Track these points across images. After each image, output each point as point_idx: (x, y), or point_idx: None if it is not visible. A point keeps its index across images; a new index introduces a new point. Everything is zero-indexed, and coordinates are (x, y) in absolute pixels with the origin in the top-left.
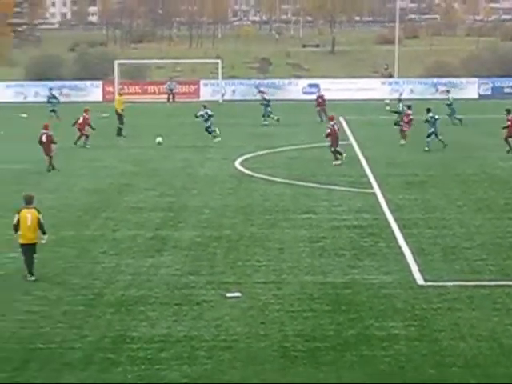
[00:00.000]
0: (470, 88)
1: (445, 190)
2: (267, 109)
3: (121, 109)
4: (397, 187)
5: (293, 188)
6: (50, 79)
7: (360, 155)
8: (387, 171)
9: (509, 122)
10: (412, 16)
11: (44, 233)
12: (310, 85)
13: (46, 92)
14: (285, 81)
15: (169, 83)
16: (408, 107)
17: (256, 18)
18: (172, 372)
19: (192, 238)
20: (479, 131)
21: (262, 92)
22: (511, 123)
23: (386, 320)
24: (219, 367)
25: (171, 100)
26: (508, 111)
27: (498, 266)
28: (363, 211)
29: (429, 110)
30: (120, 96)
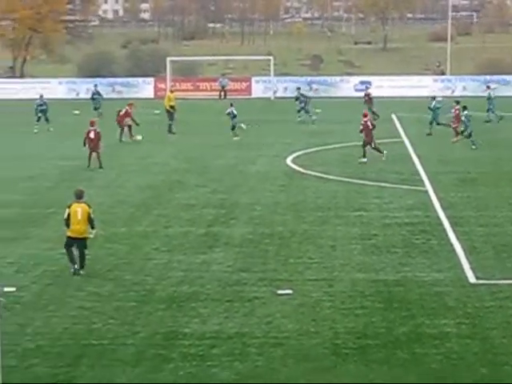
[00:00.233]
0: None
1: (496, 188)
2: (302, 105)
3: (170, 105)
4: (448, 185)
5: (344, 185)
6: (102, 76)
7: (412, 152)
8: (439, 168)
9: None
10: (464, 13)
11: (93, 227)
12: (362, 82)
13: (99, 88)
14: (336, 78)
15: (221, 80)
16: (456, 102)
17: (308, 15)
18: (223, 369)
19: (244, 235)
20: None
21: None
22: None
23: (438, 318)
24: (270, 364)
25: (223, 97)
26: None
27: None
28: (415, 208)
29: (465, 108)
30: (171, 93)
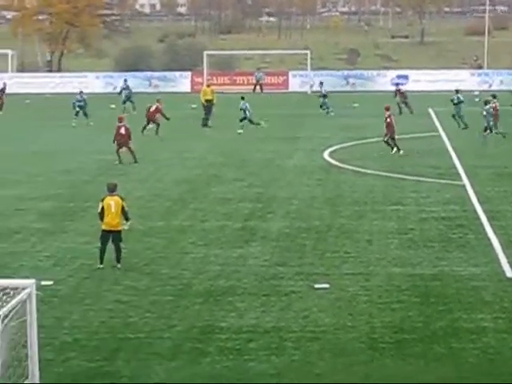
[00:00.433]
0: None
1: None
2: (324, 100)
3: (206, 99)
4: (485, 179)
5: (381, 179)
6: (140, 70)
7: (449, 146)
8: (476, 163)
9: None
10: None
11: (127, 219)
12: (399, 76)
13: (135, 83)
14: (373, 72)
15: (256, 74)
16: (493, 97)
17: (345, 9)
18: (260, 363)
19: (280, 229)
20: None
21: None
22: None
23: (475, 312)
24: (307, 358)
25: (258, 90)
26: None
27: None
28: (452, 203)
29: (486, 103)
30: (207, 87)
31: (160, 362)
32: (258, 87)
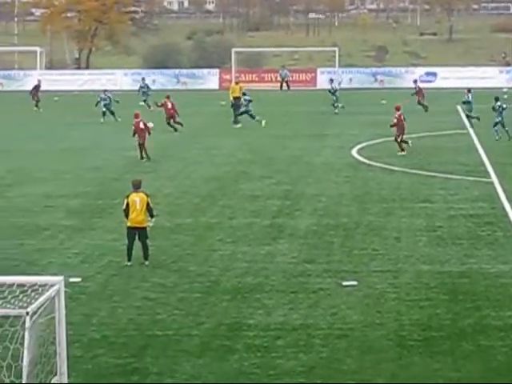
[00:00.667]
0: None
1: None
2: (333, 96)
3: (234, 97)
4: None
5: (409, 176)
6: (168, 67)
7: (477, 143)
8: (505, 160)
9: None
10: None
11: (152, 216)
12: (427, 73)
13: (164, 80)
14: (402, 69)
15: (280, 71)
16: None
17: (373, 6)
18: (288, 360)
19: (308, 226)
20: None
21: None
22: None
23: (503, 310)
24: (335, 355)
25: (285, 88)
26: None
27: None
28: (480, 200)
29: (497, 99)
30: (236, 84)
31: (188, 359)
32: (285, 84)
